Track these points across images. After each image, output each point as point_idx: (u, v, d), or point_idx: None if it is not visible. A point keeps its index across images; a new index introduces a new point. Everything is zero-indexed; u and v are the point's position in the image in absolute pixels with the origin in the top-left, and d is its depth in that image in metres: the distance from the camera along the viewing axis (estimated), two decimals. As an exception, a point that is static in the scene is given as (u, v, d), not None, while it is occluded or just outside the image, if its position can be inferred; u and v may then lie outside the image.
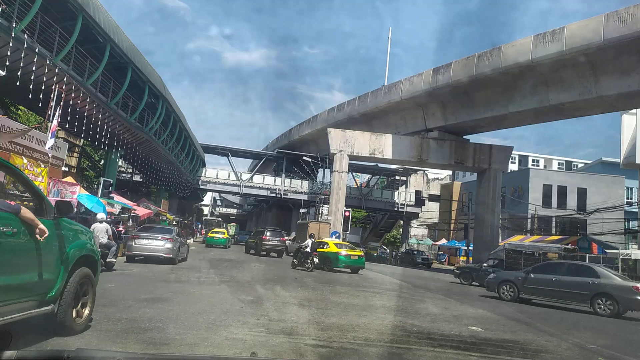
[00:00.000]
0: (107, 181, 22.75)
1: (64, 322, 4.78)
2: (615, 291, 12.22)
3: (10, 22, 13.25)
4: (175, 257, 15.73)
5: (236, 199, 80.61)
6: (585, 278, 12.82)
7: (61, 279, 4.65)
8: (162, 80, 25.83)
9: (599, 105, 24.94)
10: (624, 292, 12.08)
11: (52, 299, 4.56)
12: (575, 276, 13.12)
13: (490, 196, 34.22)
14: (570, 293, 13.00)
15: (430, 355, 5.91)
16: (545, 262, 17.44)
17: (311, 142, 48.60)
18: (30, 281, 4.25)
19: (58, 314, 4.67)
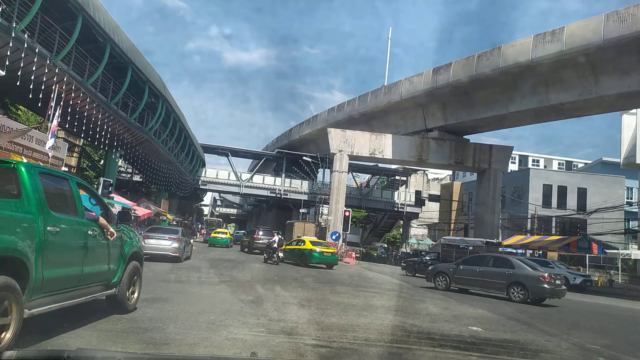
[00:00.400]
0: (107, 181, 22.77)
1: (122, 302, 6.33)
2: (526, 280, 13.44)
3: (10, 22, 13.25)
4: (181, 255, 16.87)
5: (236, 199, 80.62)
6: (502, 269, 14.10)
7: (121, 269, 6.21)
8: (162, 80, 25.83)
9: (599, 105, 24.94)
10: (533, 281, 13.32)
11: (114, 284, 6.11)
12: (495, 267, 14.40)
13: (490, 196, 34.23)
14: (490, 282, 14.23)
15: (430, 355, 5.92)
16: (473, 254, 18.79)
17: (311, 142, 48.60)
18: (104, 270, 5.81)
19: (118, 296, 6.21)
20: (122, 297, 6.29)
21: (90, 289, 5.64)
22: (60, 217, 4.89)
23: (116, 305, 6.36)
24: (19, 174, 4.47)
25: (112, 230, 5.76)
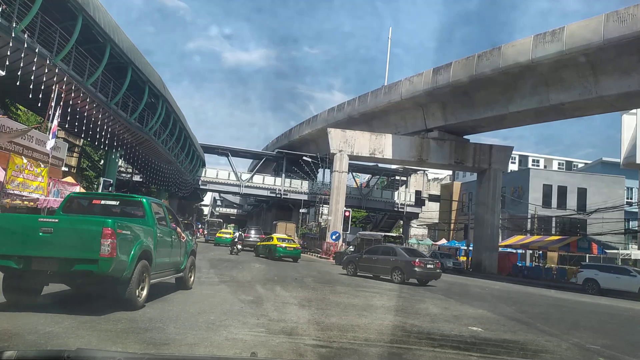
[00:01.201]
0: (107, 181, 22.78)
1: (186, 283, 9.53)
2: (402, 265, 16.47)
3: (10, 22, 13.26)
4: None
5: (236, 199, 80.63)
6: (388, 257, 17.30)
7: (186, 260, 9.28)
8: (162, 80, 25.83)
9: (599, 105, 24.94)
10: (407, 266, 16.27)
11: (181, 270, 9.09)
12: (384, 255, 17.57)
13: (490, 196, 34.22)
14: (381, 268, 17.33)
15: (430, 355, 5.92)
16: (373, 246, 21.45)
17: (311, 142, 48.60)
18: (178, 260, 8.90)
19: (184, 278, 9.34)
20: (187, 279, 9.47)
21: (170, 272, 8.59)
22: (161, 227, 8.05)
23: (181, 285, 9.43)
24: (143, 204, 7.84)
25: (183, 235, 9.04)
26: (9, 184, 11.47)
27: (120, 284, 6.47)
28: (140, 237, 6.88)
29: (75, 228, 6.33)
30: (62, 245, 6.08)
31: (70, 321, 5.91)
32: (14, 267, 6.05)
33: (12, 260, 6.01)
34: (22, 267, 6.05)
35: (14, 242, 6.09)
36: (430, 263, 16.96)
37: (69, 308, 6.89)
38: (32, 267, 6.09)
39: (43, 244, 6.04)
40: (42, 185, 12.92)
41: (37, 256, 6.06)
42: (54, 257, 6.08)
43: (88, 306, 7.15)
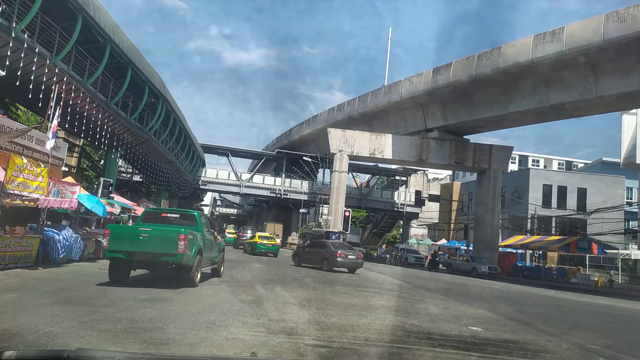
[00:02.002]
0: (107, 181, 22.78)
1: (218, 272, 12.53)
2: (329, 256, 19.43)
3: (10, 22, 13.25)
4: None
5: (236, 199, 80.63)
6: (320, 249, 20.41)
7: (219, 255, 12.45)
8: (162, 80, 25.82)
9: (599, 105, 24.95)
10: (332, 257, 19.28)
11: (215, 262, 12.25)
12: (317, 248, 20.77)
13: (490, 196, 34.23)
14: (315, 259, 20.34)
15: (430, 355, 5.92)
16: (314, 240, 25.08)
17: (311, 142, 48.60)
18: (214, 255, 12.15)
19: (217, 269, 12.50)
20: (219, 269, 12.70)
21: (210, 264, 11.94)
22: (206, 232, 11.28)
23: (215, 274, 12.61)
24: (195, 216, 11.32)
25: (218, 237, 12.78)
26: (9, 184, 11.46)
27: (187, 270, 9.88)
28: (197, 239, 10.24)
29: (162, 234, 9.78)
30: (154, 245, 9.57)
31: (70, 321, 5.92)
32: (123, 258, 9.60)
33: (122, 254, 9.56)
34: (127, 258, 9.62)
35: (122, 242, 9.66)
36: (352, 254, 20.13)
37: (69, 307, 6.90)
38: (134, 258, 9.64)
39: (142, 244, 9.56)
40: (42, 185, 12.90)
41: (139, 251, 9.56)
42: (148, 252, 9.57)
43: (88, 306, 7.15)
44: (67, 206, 14.29)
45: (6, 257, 11.31)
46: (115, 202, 20.88)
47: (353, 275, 18.96)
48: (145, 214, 11.80)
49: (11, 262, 11.48)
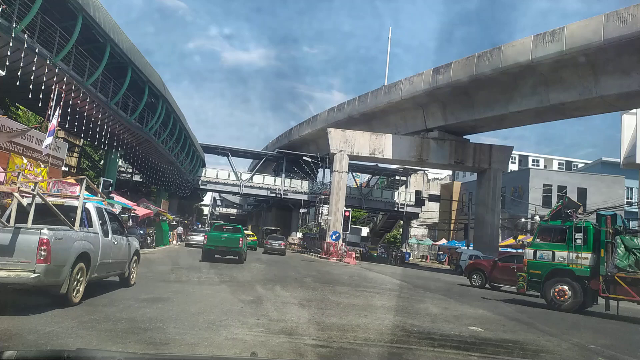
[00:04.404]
0: (107, 181, 22.75)
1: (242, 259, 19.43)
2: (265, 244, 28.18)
3: (10, 22, 13.25)
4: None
5: (236, 199, 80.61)
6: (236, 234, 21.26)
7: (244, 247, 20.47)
8: (162, 80, 25.82)
9: (599, 105, 24.94)
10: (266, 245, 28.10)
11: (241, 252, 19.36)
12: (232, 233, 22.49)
13: (490, 196, 34.22)
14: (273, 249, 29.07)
15: (430, 355, 5.92)
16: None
17: (311, 142, 48.59)
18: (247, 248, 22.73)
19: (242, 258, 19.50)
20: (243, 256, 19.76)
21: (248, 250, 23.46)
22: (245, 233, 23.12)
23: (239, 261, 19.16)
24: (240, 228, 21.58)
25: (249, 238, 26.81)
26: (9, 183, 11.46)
27: (241, 254, 19.11)
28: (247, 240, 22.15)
29: (230, 237, 19.29)
30: (228, 242, 18.94)
31: (70, 321, 5.92)
32: (212, 249, 18.70)
33: (212, 246, 18.68)
34: (213, 249, 18.70)
35: (214, 241, 18.88)
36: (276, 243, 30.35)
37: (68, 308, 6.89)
38: (218, 249, 18.76)
39: (222, 241, 18.94)
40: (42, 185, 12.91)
41: (221, 245, 18.77)
42: (226, 245, 18.82)
43: (88, 305, 7.15)
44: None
45: (6, 257, 11.29)
46: (115, 202, 20.88)
47: (353, 275, 18.99)
48: (214, 227, 22.99)
49: (11, 262, 11.46)
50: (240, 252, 18.91)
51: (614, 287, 11.91)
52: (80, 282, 7.01)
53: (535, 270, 13.16)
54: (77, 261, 6.87)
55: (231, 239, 19.00)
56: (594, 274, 12.31)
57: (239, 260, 18.88)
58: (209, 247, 18.61)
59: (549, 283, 12.82)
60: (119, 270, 9.08)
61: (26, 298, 6.95)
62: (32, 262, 6.05)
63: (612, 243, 12.22)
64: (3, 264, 6.04)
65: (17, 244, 6.09)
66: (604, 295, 12.25)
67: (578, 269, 12.52)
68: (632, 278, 11.61)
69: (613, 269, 11.88)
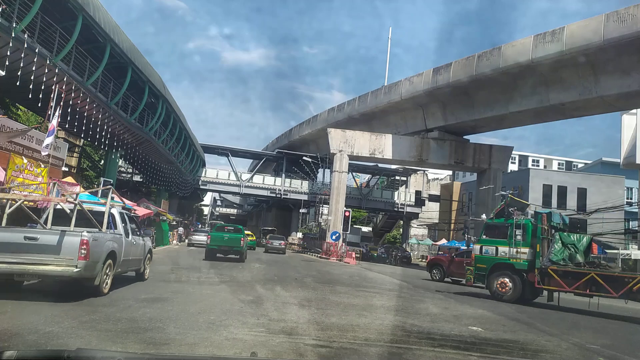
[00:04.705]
0: (107, 181, 22.72)
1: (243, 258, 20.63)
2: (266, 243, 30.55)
3: (10, 22, 13.24)
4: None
5: (236, 199, 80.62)
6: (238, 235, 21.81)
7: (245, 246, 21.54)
8: (162, 80, 25.82)
9: (599, 105, 24.94)
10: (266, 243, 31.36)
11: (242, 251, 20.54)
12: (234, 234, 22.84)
13: (490, 196, 34.20)
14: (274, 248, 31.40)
15: (430, 355, 5.92)
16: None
17: (311, 142, 48.59)
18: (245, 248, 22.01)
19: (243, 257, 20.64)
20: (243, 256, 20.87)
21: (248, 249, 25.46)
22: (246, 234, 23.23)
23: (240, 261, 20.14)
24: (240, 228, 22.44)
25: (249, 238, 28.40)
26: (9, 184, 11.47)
27: (242, 253, 20.33)
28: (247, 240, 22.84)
29: (232, 237, 20.36)
30: (230, 242, 20.02)
31: (70, 321, 5.92)
32: (215, 248, 19.84)
33: (215, 246, 19.85)
34: (216, 248, 19.85)
35: (216, 241, 20.01)
36: (277, 243, 32.01)
37: (69, 307, 6.90)
38: (221, 248, 19.85)
39: (225, 241, 20.01)
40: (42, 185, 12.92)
41: (223, 245, 19.90)
42: (228, 245, 19.92)
43: (87, 305, 7.15)
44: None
45: (6, 257, 11.29)
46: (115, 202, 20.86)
47: (353, 275, 19.00)
48: (217, 227, 22.97)
49: (11, 262, 11.46)
50: (242, 251, 20.21)
51: (547, 279, 12.80)
52: (108, 275, 8.31)
53: (481, 264, 14.14)
54: (107, 258, 8.14)
55: (233, 239, 20.09)
56: (531, 267, 13.21)
57: (240, 258, 20.14)
58: (212, 246, 19.85)
59: (493, 276, 13.77)
60: (136, 266, 10.35)
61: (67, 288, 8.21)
62: (74, 258, 7.27)
63: (548, 239, 13.29)
64: (51, 260, 7.27)
65: (63, 244, 7.32)
66: (539, 287, 13.12)
67: (517, 263, 13.47)
68: (562, 270, 12.53)
69: (547, 262, 12.79)
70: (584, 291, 12.28)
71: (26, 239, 7.37)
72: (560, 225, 14.30)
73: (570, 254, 12.93)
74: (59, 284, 8.49)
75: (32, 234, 7.57)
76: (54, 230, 7.68)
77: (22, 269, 7.24)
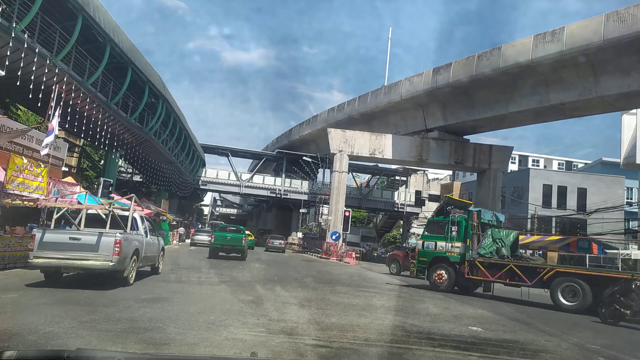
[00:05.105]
0: (107, 181, 22.79)
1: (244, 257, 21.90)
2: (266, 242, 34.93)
3: (10, 22, 13.24)
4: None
5: (236, 199, 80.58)
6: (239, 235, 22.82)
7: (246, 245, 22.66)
8: (162, 80, 25.81)
9: (599, 105, 24.93)
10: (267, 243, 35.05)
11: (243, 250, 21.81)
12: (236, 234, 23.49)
13: (490, 196, 34.20)
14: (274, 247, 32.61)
15: (430, 355, 5.92)
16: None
17: (311, 142, 48.57)
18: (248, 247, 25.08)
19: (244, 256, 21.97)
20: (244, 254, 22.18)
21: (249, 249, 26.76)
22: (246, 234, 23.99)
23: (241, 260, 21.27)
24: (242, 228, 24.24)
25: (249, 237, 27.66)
26: (9, 184, 11.47)
27: (243, 252, 21.64)
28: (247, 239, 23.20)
29: (234, 237, 21.85)
30: (232, 241, 21.49)
31: (70, 321, 5.92)
32: (218, 247, 21.43)
33: (218, 245, 21.46)
34: (220, 247, 21.42)
35: (219, 240, 21.62)
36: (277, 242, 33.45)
37: (69, 307, 6.90)
38: (224, 247, 21.39)
39: (227, 241, 21.54)
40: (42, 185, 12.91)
41: (226, 244, 21.47)
42: (230, 244, 21.44)
43: (88, 305, 7.15)
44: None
45: (6, 257, 11.31)
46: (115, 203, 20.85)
47: (353, 275, 19.00)
48: (220, 228, 24.58)
49: (11, 262, 11.48)
50: (243, 250, 21.67)
51: (475, 270, 14.15)
52: (134, 269, 9.99)
53: (423, 258, 15.57)
54: (133, 255, 9.79)
55: (235, 239, 21.69)
56: (463, 260, 14.56)
57: (241, 257, 21.62)
58: (216, 245, 21.63)
59: (432, 269, 15.15)
60: (153, 262, 12.07)
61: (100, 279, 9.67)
62: (110, 255, 8.94)
63: (478, 234, 14.71)
64: (92, 256, 8.98)
65: (100, 243, 8.97)
66: (469, 277, 14.41)
67: (452, 256, 14.84)
68: (488, 262, 13.89)
69: (475, 255, 14.16)
70: (505, 280, 13.68)
71: (71, 239, 9.03)
72: (493, 222, 15.76)
73: (498, 247, 14.38)
74: (92, 276, 10.01)
75: (75, 235, 9.19)
76: (93, 232, 9.20)
77: (69, 263, 8.98)
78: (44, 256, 8.87)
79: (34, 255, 8.87)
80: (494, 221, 15.93)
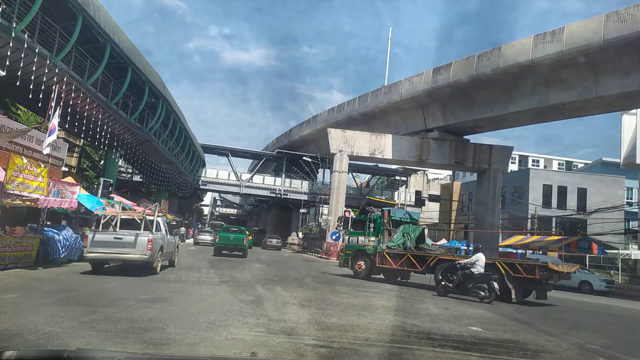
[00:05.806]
0: (107, 181, 22.78)
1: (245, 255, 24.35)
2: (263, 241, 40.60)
3: (10, 22, 13.25)
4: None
5: (236, 199, 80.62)
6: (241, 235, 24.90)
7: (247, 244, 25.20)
8: (162, 80, 25.82)
9: (599, 105, 24.93)
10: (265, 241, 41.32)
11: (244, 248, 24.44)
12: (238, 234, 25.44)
13: (490, 196, 34.20)
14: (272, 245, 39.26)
15: (430, 355, 5.92)
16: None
17: (311, 142, 48.58)
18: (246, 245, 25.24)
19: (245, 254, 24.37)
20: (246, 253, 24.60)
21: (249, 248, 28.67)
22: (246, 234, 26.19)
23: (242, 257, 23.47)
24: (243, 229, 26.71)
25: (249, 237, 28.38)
26: (9, 184, 11.46)
27: (244, 251, 24.16)
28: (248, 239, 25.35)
29: (237, 237, 24.38)
30: (235, 241, 24.12)
31: (70, 321, 5.92)
32: (222, 246, 24.19)
33: (222, 244, 24.25)
34: (223, 246, 24.18)
35: (223, 240, 24.35)
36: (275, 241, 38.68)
37: (68, 308, 6.90)
38: (227, 246, 24.19)
39: (230, 240, 24.19)
40: (42, 185, 12.90)
41: (229, 244, 24.16)
42: (233, 244, 24.08)
43: (88, 305, 7.15)
44: (67, 206, 14.30)
45: (6, 257, 11.31)
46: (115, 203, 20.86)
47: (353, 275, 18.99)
48: (223, 229, 27.11)
49: (11, 262, 11.49)
50: (244, 248, 24.07)
51: (384, 260, 16.08)
52: (159, 262, 12.82)
53: (348, 251, 17.88)
54: (159, 250, 12.54)
55: (237, 239, 24.26)
56: (376, 251, 16.56)
57: (243, 254, 23.72)
58: (220, 245, 24.31)
59: (354, 260, 17.31)
60: (170, 257, 14.72)
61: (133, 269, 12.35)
62: (144, 250, 11.81)
63: (389, 230, 16.95)
64: (131, 251, 11.85)
65: (137, 241, 11.86)
66: (379, 266, 16.34)
67: (368, 249, 16.97)
68: (392, 253, 15.86)
69: (384, 247, 16.26)
70: (404, 268, 15.76)
71: (115, 238, 11.78)
72: (405, 219, 17.80)
73: (405, 241, 16.29)
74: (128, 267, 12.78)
75: (118, 235, 11.88)
76: (131, 233, 11.97)
77: (114, 257, 12.01)
78: (95, 251, 11.65)
79: (88, 251, 11.67)
80: (406, 218, 17.97)
